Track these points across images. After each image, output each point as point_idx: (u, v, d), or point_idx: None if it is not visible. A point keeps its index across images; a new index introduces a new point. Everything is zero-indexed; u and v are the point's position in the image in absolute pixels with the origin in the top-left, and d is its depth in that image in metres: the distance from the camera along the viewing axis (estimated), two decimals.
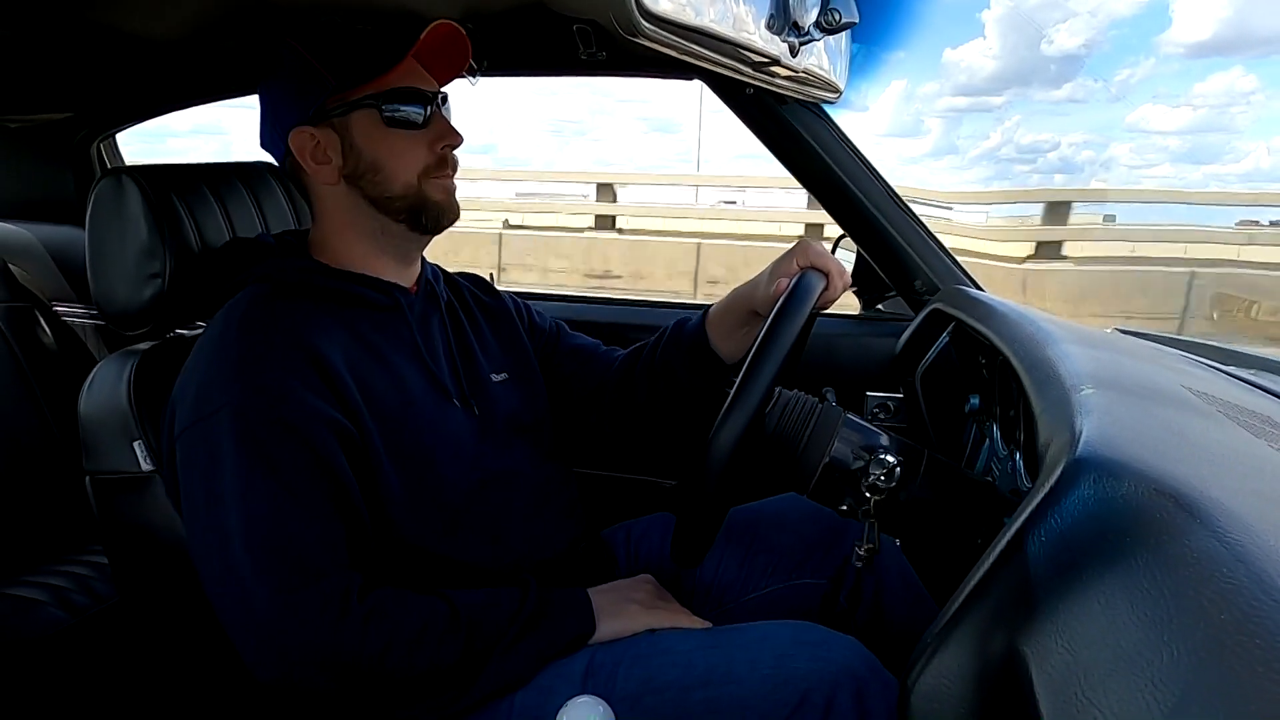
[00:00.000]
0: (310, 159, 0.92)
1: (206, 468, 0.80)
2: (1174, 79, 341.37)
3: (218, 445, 0.79)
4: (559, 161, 71.35)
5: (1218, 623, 0.35)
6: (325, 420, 0.82)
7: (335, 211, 0.95)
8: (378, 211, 0.93)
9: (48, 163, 1.82)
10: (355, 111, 0.90)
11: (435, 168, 0.93)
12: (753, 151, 1.45)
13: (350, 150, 0.91)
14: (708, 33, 0.74)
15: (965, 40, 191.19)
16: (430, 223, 0.94)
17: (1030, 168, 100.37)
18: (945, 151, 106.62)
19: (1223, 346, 1.15)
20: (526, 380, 1.07)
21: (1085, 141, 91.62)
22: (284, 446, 0.79)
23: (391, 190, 0.91)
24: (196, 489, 0.81)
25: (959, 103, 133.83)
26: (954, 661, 0.48)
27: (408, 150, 0.91)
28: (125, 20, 1.15)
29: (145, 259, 0.98)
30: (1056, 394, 0.64)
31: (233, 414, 0.79)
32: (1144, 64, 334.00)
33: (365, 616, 0.77)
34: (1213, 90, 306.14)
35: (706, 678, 0.79)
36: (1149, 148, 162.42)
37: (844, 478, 0.79)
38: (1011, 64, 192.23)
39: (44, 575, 1.35)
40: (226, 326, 0.85)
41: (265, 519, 0.78)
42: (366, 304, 0.93)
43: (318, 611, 0.76)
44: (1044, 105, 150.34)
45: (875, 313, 1.55)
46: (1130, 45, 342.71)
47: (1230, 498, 0.44)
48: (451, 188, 0.95)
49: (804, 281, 0.86)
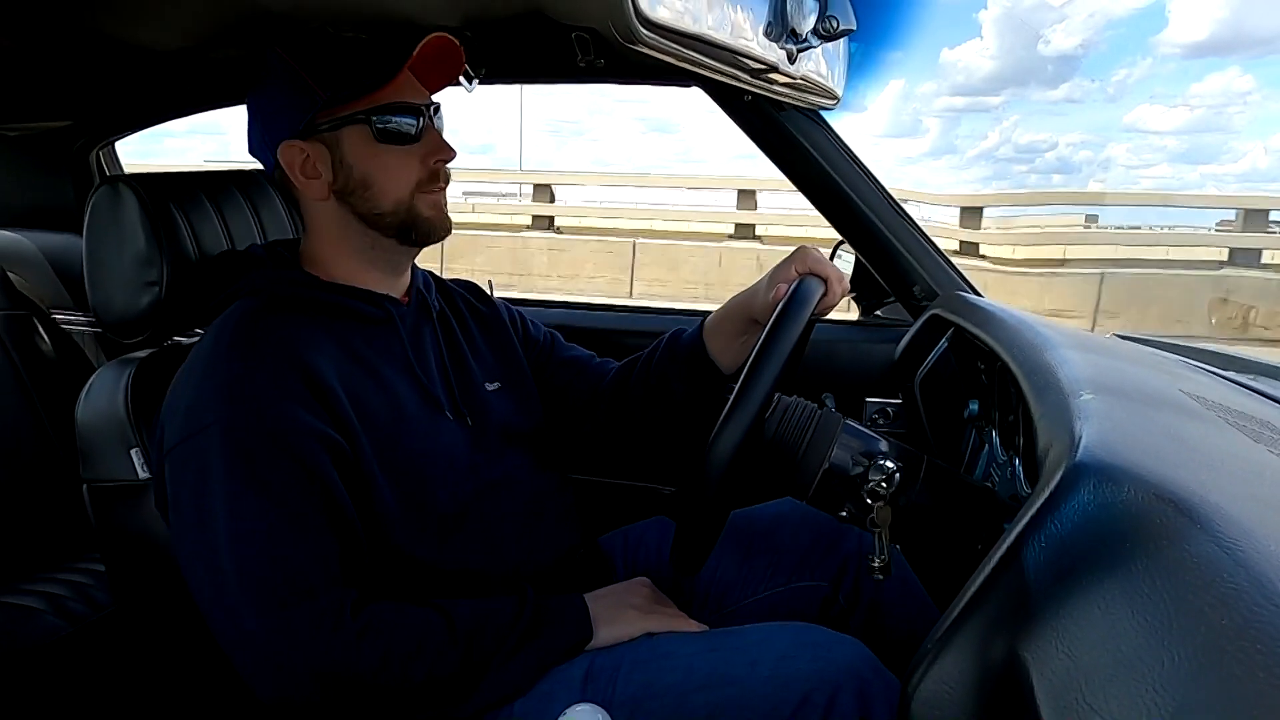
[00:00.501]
0: (299, 173, 0.90)
1: (196, 485, 0.79)
2: (1171, 79, 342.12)
3: (207, 463, 0.78)
4: (556, 161, 70.99)
5: (1218, 628, 0.35)
6: (316, 435, 0.81)
7: (325, 225, 0.94)
8: (368, 227, 0.92)
9: (46, 171, 1.82)
10: (346, 127, 0.88)
11: (427, 182, 0.91)
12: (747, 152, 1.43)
13: (340, 166, 0.89)
14: (706, 40, 0.74)
15: (962, 40, 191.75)
16: (420, 238, 0.93)
17: (1028, 167, 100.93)
18: (943, 151, 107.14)
19: (1222, 351, 1.15)
20: (520, 388, 1.07)
21: (1083, 141, 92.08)
22: (274, 463, 0.78)
23: (382, 207, 0.90)
24: (186, 506, 0.80)
25: (956, 102, 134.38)
26: (955, 667, 0.48)
27: (399, 165, 0.90)
28: (124, 29, 1.15)
29: (143, 267, 0.98)
30: (1056, 399, 0.64)
31: (222, 431, 0.79)
32: (1141, 64, 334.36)
33: (360, 632, 0.77)
34: (1209, 90, 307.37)
35: (707, 680, 0.78)
36: (1146, 148, 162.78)
37: (843, 484, 0.79)
38: (1009, 64, 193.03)
39: (41, 583, 1.34)
40: (217, 342, 0.85)
41: (255, 537, 0.77)
42: (358, 317, 0.92)
43: (309, 629, 0.76)
44: (1041, 105, 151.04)
45: (874, 318, 1.55)
46: (1127, 45, 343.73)
47: (1230, 503, 0.44)
48: (442, 202, 0.94)
49: (803, 287, 0.86)
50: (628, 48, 0.66)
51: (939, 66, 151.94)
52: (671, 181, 11.19)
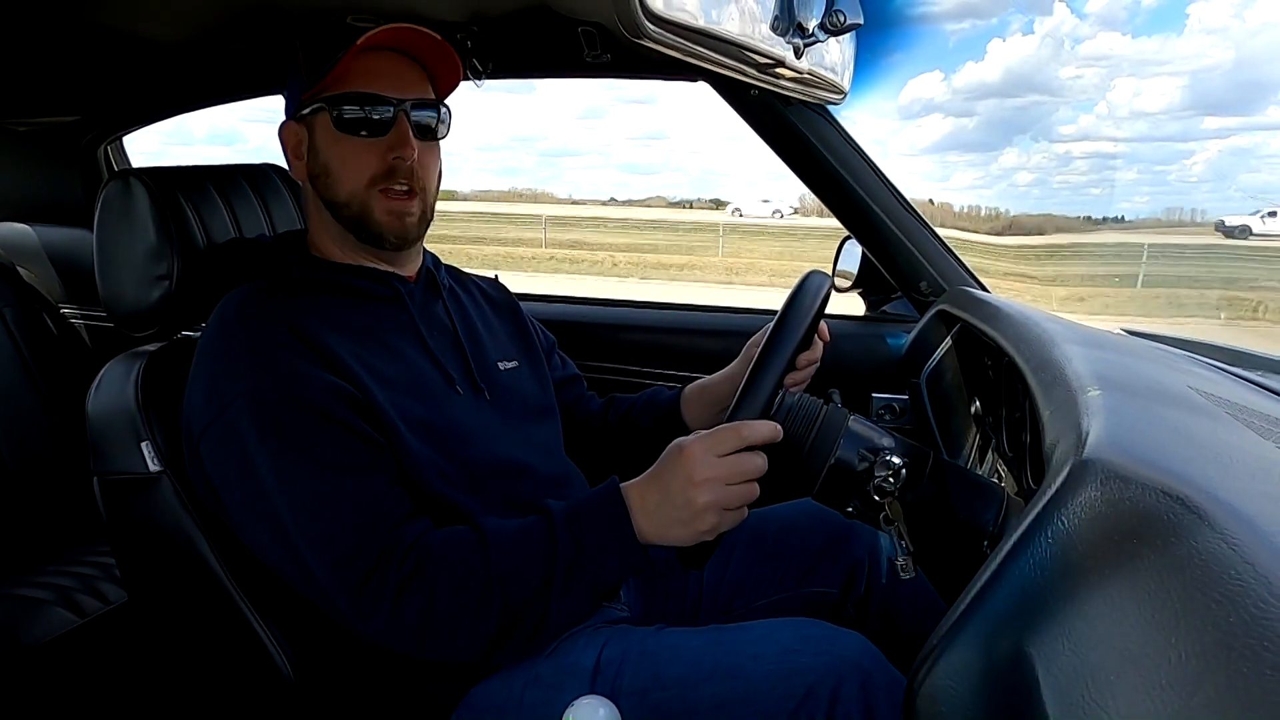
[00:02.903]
0: (291, 154, 0.95)
1: (238, 459, 0.80)
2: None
3: (242, 436, 0.80)
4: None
5: (1225, 625, 0.35)
6: (337, 391, 0.82)
7: (309, 209, 0.98)
8: (333, 217, 0.93)
9: (55, 166, 1.83)
10: (319, 114, 0.91)
11: (383, 178, 0.90)
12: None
13: (312, 150, 0.93)
14: (712, 34, 0.74)
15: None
16: (369, 238, 0.93)
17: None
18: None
19: (1229, 347, 1.15)
20: (536, 367, 1.09)
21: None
22: (305, 424, 0.80)
23: (338, 196, 0.92)
24: (233, 483, 0.81)
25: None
26: (960, 663, 0.48)
27: (356, 156, 0.90)
28: (132, 23, 1.16)
29: (153, 260, 0.99)
30: (1062, 395, 0.64)
31: (249, 403, 0.80)
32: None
33: (412, 573, 0.77)
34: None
35: (712, 673, 0.79)
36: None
37: (850, 479, 0.79)
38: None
39: (50, 576, 1.35)
40: (222, 322, 0.86)
41: (307, 497, 0.79)
42: (365, 295, 0.93)
43: (379, 574, 0.77)
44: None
45: (881, 314, 1.55)
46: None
47: (1237, 499, 0.44)
48: (400, 209, 0.91)
49: (809, 280, 0.86)
50: (634, 42, 0.66)
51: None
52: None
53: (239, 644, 0.92)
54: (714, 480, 0.75)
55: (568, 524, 0.80)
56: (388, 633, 0.79)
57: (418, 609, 0.77)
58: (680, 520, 0.76)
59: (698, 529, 0.76)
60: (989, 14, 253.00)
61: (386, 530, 0.79)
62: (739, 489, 0.76)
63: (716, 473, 0.75)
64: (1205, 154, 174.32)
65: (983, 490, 0.80)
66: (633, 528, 0.78)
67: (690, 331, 1.59)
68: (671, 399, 1.13)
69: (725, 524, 0.77)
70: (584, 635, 0.86)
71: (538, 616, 0.79)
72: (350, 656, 0.87)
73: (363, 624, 0.78)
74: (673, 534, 0.77)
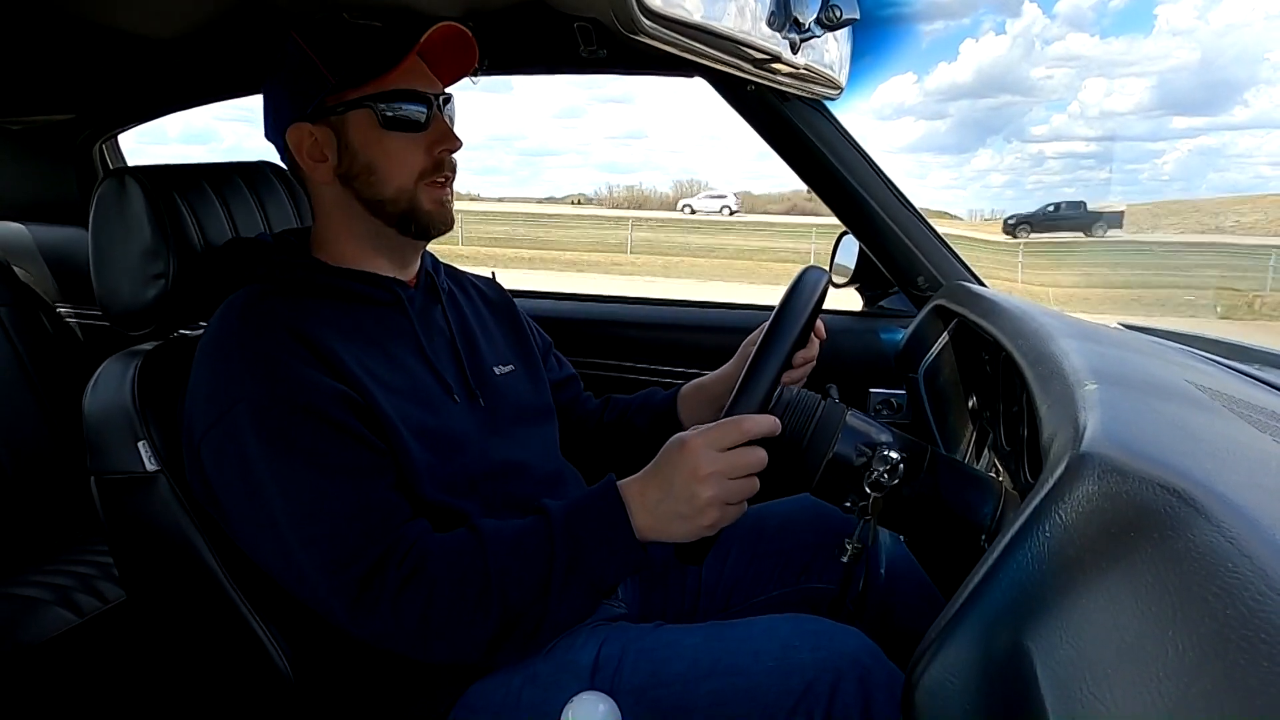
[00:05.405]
0: (306, 156, 0.92)
1: (238, 464, 0.80)
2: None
3: (243, 440, 0.80)
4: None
5: (1222, 617, 0.35)
6: (339, 395, 0.82)
7: (332, 210, 0.95)
8: (370, 214, 0.93)
9: (50, 164, 1.83)
10: (353, 111, 0.90)
11: (431, 171, 0.92)
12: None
13: (346, 150, 0.91)
14: (708, 30, 0.74)
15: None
16: (419, 230, 0.94)
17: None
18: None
19: (1227, 341, 1.15)
20: (532, 370, 1.09)
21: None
22: (303, 425, 0.80)
23: (384, 194, 0.91)
24: (234, 488, 0.81)
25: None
26: (958, 657, 0.48)
27: (403, 153, 0.91)
28: (127, 20, 1.15)
29: (149, 259, 0.99)
30: (1060, 389, 0.64)
31: (250, 408, 0.80)
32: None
33: (411, 575, 0.77)
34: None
35: (712, 670, 0.79)
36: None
37: (847, 474, 0.79)
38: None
39: (47, 575, 1.35)
40: (224, 325, 0.86)
41: (307, 502, 0.79)
42: (366, 300, 0.93)
43: (379, 578, 0.77)
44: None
45: (878, 309, 1.55)
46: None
47: (1235, 492, 0.44)
48: (445, 197, 0.94)
49: (806, 276, 0.86)
50: (630, 38, 0.65)
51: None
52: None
53: (237, 642, 0.92)
54: (717, 474, 0.75)
55: (566, 524, 0.80)
56: (386, 635, 0.79)
57: (416, 611, 0.77)
58: (682, 515, 0.76)
59: (699, 524, 0.76)
60: (960, 14, 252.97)
61: (386, 533, 0.79)
62: (740, 483, 0.76)
63: (719, 467, 0.75)
64: (1176, 153, 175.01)
65: (980, 484, 0.80)
66: (631, 526, 0.78)
67: (687, 327, 1.59)
68: (667, 399, 1.13)
69: (726, 519, 0.77)
70: (582, 633, 0.86)
71: (536, 617, 0.79)
72: (349, 655, 0.87)
73: (361, 627, 0.78)
74: (674, 529, 0.78)
